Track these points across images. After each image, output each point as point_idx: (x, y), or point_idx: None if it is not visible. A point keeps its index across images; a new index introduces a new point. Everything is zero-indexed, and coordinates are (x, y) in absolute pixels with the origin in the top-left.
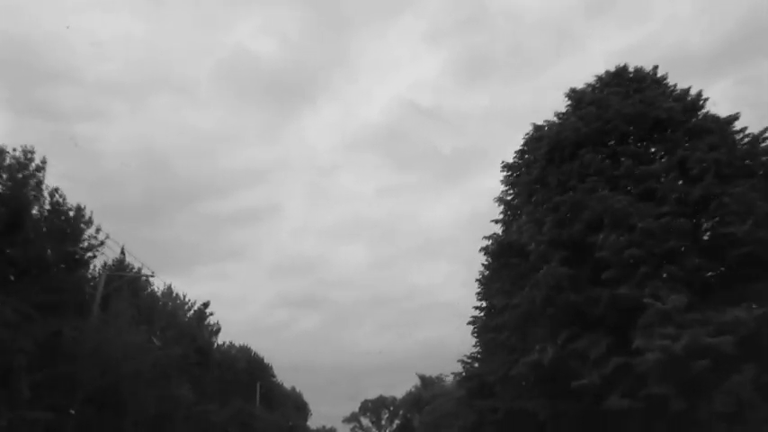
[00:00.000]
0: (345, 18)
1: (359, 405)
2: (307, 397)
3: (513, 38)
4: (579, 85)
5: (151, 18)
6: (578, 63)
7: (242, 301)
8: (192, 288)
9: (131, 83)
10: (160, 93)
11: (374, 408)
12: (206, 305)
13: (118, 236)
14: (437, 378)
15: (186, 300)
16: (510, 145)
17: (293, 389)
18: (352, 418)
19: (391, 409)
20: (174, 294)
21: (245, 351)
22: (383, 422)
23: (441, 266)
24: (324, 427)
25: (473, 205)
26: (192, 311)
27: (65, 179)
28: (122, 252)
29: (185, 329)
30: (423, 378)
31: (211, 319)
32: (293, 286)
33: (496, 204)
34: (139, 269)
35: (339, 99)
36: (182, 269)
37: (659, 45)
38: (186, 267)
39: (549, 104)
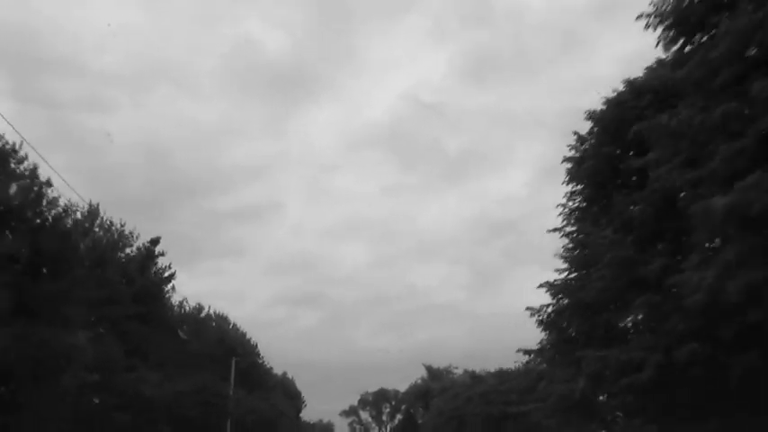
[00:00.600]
0: (350, 15)
1: (358, 398)
2: (305, 393)
3: (519, 39)
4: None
5: (153, 9)
6: (584, 66)
7: (241, 297)
8: (190, 283)
9: (133, 74)
10: (162, 85)
11: (374, 401)
12: (154, 242)
13: None
14: (446, 370)
15: (127, 233)
16: (511, 148)
17: (285, 375)
18: (351, 411)
19: (393, 403)
20: (105, 221)
21: (220, 320)
22: (384, 417)
23: (439, 267)
24: (320, 420)
25: (474, 207)
26: (133, 249)
27: (67, 171)
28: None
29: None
30: (429, 369)
31: (163, 263)
32: (292, 284)
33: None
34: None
35: (343, 96)
36: (180, 264)
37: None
38: (185, 262)
39: (554, 108)
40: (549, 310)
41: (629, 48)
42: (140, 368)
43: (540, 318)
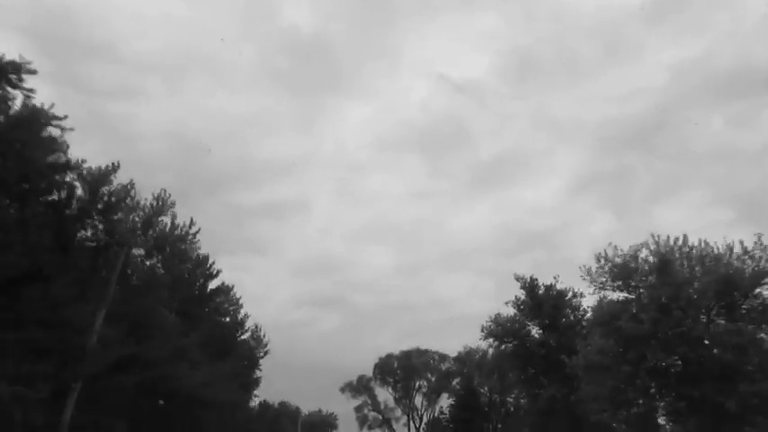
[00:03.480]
0: (389, 12)
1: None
2: (321, 396)
3: (564, 42)
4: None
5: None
6: (629, 73)
7: (261, 295)
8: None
9: (168, 64)
10: (196, 76)
11: (402, 370)
12: None
13: None
14: (563, 290)
15: None
16: (547, 155)
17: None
18: (360, 386)
19: (433, 378)
20: None
21: None
22: (417, 399)
23: (466, 277)
24: (320, 410)
25: (505, 216)
26: None
27: (99, 156)
28: None
29: None
30: (531, 285)
31: None
32: (314, 285)
33: None
34: None
35: (377, 94)
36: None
37: (720, 57)
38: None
39: (595, 115)
40: None
41: (677, 55)
42: None
43: None
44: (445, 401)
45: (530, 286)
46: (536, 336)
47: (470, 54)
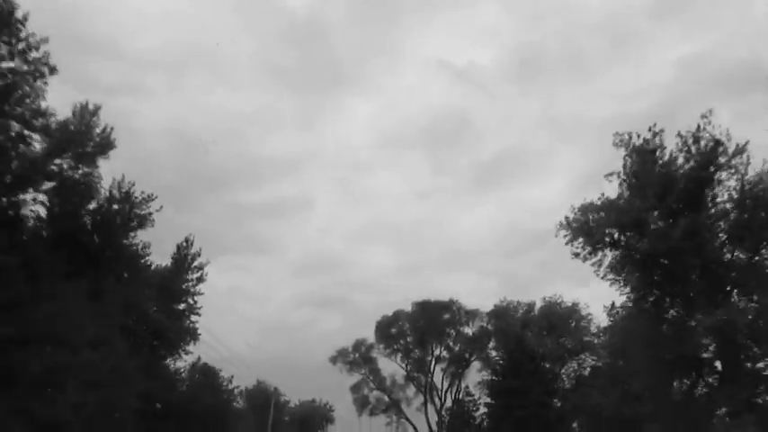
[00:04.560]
0: (393, 8)
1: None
2: (322, 396)
3: (569, 38)
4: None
5: None
6: (635, 70)
7: (262, 296)
8: (210, 278)
9: (169, 61)
10: (196, 72)
11: (416, 330)
12: None
13: None
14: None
15: None
16: (551, 154)
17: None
18: (358, 354)
19: (457, 346)
20: None
21: None
22: (437, 372)
23: (468, 277)
24: (313, 399)
25: (508, 215)
26: None
27: None
28: None
29: None
30: (648, 145)
31: None
32: (315, 284)
33: None
34: None
35: (379, 91)
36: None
37: (726, 53)
38: (210, 256)
39: (601, 112)
40: None
41: (683, 51)
42: None
43: None
44: (474, 376)
45: (643, 149)
46: (662, 228)
47: (474, 49)
